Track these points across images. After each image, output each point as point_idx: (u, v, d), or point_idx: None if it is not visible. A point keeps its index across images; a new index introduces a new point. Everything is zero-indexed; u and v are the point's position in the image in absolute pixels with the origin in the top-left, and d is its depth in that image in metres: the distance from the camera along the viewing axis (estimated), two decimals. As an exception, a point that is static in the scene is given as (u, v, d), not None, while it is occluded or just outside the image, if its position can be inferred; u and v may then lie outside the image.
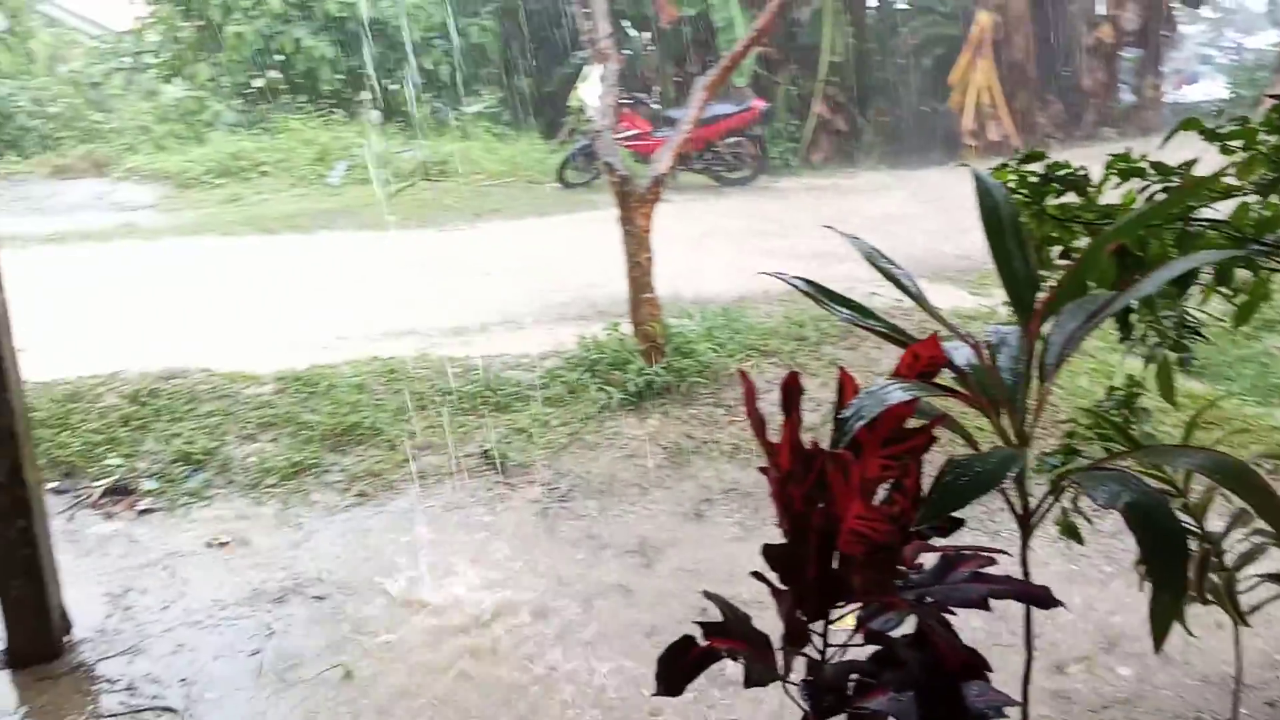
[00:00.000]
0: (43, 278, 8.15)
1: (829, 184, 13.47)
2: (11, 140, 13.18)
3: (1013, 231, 1.62)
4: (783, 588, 1.46)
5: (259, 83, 14.94)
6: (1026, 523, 1.56)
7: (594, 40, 5.21)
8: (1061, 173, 2.10)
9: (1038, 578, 1.53)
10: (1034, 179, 2.11)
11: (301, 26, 14.29)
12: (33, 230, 9.88)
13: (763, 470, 1.48)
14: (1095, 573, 3.49)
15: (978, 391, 1.51)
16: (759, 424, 1.48)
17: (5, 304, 2.42)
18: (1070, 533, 2.13)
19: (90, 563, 3.72)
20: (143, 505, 4.11)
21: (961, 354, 1.57)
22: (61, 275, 8.22)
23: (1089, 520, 2.20)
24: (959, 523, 1.52)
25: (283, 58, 14.41)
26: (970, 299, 6.31)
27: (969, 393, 1.51)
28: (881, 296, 4.20)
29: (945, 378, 1.51)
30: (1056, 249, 2.11)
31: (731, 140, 12.45)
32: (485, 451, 4.47)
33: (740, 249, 8.60)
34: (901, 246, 3.23)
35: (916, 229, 8.97)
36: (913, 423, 1.43)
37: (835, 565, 1.42)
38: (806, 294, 1.65)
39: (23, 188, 11.97)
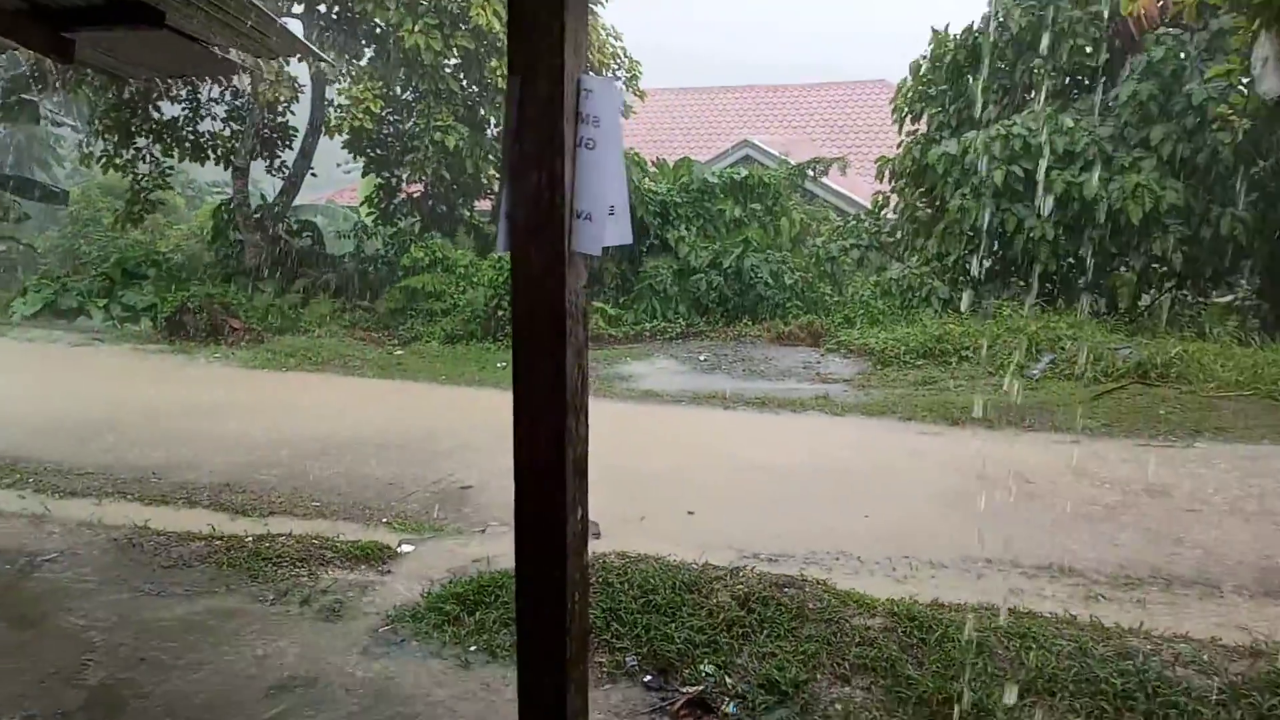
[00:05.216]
0: (738, 440, 8.87)
1: None
2: (749, 306, 14.87)
3: None
4: None
5: (985, 263, 14.78)
6: None
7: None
8: None
9: None
10: None
11: (1024, 204, 13.67)
12: (744, 391, 10.88)
13: None
14: None
15: None
16: None
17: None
18: None
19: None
20: (716, 729, 3.88)
21: None
22: (754, 440, 8.81)
23: None
24: None
25: (1002, 237, 14.07)
26: None
27: None
28: None
29: None
30: None
31: None
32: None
33: None
34: None
35: None
36: None
37: None
38: None
39: (746, 349, 13.36)
